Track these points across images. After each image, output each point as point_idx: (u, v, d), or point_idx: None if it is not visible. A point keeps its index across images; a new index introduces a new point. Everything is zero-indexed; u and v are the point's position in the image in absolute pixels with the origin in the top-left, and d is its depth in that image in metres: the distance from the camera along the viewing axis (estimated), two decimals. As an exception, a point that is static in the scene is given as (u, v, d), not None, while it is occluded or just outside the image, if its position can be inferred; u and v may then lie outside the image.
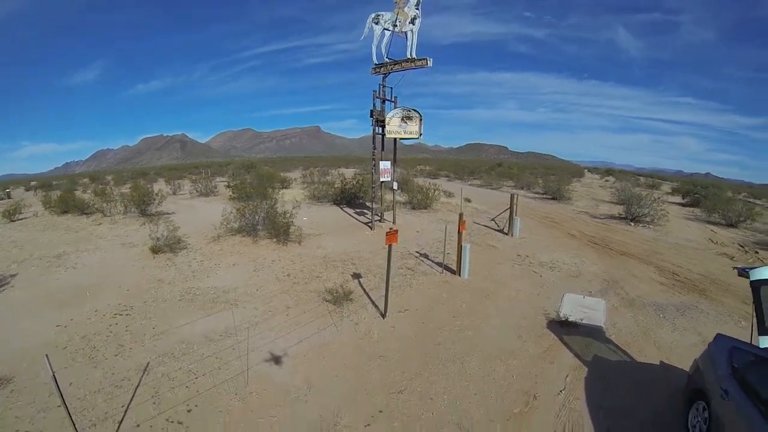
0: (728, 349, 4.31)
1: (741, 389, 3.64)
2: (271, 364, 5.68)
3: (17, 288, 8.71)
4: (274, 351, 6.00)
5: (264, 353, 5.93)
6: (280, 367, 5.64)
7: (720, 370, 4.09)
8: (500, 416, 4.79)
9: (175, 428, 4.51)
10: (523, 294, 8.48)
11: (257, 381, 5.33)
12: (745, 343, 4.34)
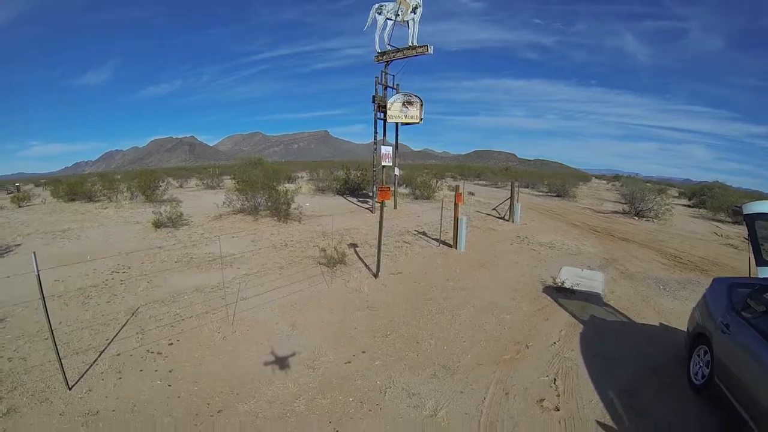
0: (726, 287, 4.21)
1: (742, 319, 3.55)
2: (257, 311, 5.69)
3: (20, 254, 8.95)
4: (263, 300, 6.02)
5: (252, 302, 5.95)
6: (267, 313, 5.65)
7: (719, 307, 3.98)
8: (489, 361, 4.69)
9: (154, 357, 4.53)
10: (519, 266, 8.37)
11: (242, 323, 5.34)
12: (743, 278, 4.24)
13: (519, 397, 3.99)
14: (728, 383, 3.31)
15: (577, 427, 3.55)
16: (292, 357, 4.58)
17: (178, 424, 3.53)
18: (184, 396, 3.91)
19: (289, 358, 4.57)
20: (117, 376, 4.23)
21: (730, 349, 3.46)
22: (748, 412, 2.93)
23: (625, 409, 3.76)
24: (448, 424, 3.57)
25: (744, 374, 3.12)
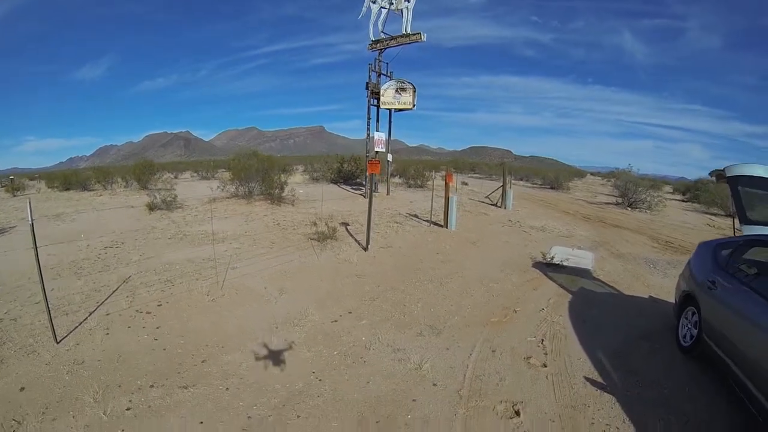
0: (712, 248, 4.28)
1: (727, 273, 3.64)
2: (247, 278, 5.74)
3: (14, 233, 8.97)
4: (253, 270, 6.07)
5: (242, 271, 6.01)
6: (256, 280, 5.70)
7: (705, 267, 4.05)
8: (476, 323, 4.76)
9: (143, 317, 4.58)
10: (510, 245, 8.46)
11: (231, 288, 5.40)
12: (728, 238, 4.31)
13: (506, 355, 4.06)
14: (716, 338, 3.37)
15: (565, 381, 3.61)
16: (279, 317, 4.65)
17: (162, 371, 3.59)
18: (169, 348, 3.96)
19: (276, 317, 4.63)
20: (105, 332, 4.27)
21: (717, 304, 3.52)
22: (735, 363, 3.01)
23: (614, 367, 3.80)
24: (433, 377, 3.63)
25: (731, 327, 3.19)
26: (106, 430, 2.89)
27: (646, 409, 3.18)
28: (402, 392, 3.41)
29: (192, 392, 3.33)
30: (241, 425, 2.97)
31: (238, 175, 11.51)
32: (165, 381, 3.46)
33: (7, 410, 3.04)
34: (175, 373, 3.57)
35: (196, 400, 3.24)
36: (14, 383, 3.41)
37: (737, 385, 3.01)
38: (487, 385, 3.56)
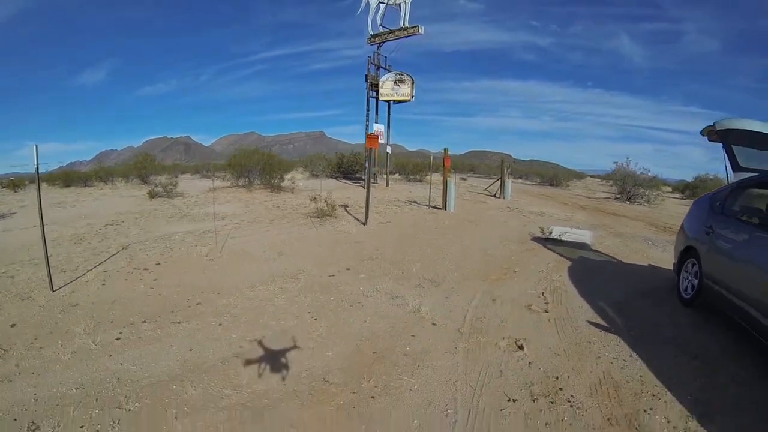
0: (707, 200, 4.33)
1: (723, 215, 3.71)
2: (246, 245, 5.73)
3: (15, 218, 9.00)
4: (252, 239, 6.07)
5: (241, 240, 6.00)
6: (255, 246, 5.68)
7: (702, 217, 4.10)
8: (476, 279, 4.72)
9: (140, 272, 4.56)
10: (508, 225, 8.43)
11: (230, 251, 5.38)
12: (721, 188, 4.35)
13: (506, 303, 4.01)
14: (717, 278, 3.39)
15: (568, 324, 3.56)
16: (277, 272, 4.61)
17: (155, 312, 3.55)
18: (165, 294, 3.93)
19: (274, 273, 4.60)
20: (101, 283, 4.25)
21: (715, 245, 3.56)
22: (738, 296, 3.01)
23: (617, 315, 3.76)
24: (432, 318, 3.59)
25: (731, 263, 3.24)
26: (93, 355, 2.85)
27: (652, 347, 3.13)
28: (400, 330, 3.36)
29: (184, 327, 3.29)
30: (233, 352, 2.92)
31: (240, 165, 11.59)
32: (158, 318, 3.42)
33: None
34: (169, 312, 3.53)
35: (188, 333, 3.20)
36: (5, 321, 3.38)
37: (742, 317, 2.98)
38: (488, 325, 3.51)
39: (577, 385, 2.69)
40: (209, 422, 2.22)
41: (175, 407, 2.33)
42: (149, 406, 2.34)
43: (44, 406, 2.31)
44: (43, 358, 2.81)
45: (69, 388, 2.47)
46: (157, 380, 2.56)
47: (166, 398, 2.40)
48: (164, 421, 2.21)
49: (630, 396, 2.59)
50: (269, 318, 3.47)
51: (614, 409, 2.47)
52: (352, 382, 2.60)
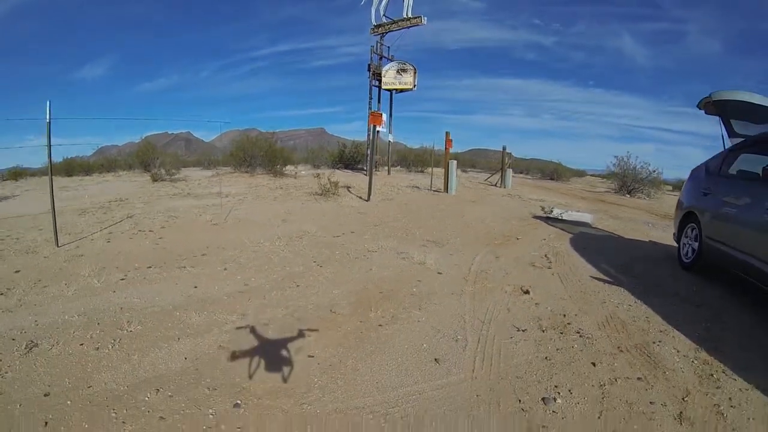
0: (703, 166, 4.38)
1: (720, 177, 3.76)
2: (251, 215, 5.73)
3: (18, 199, 9.03)
4: (256, 211, 6.07)
5: (246, 211, 6.00)
6: (259, 215, 5.69)
7: (698, 182, 4.17)
8: (479, 243, 4.72)
9: (145, 234, 4.56)
10: (508, 207, 8.42)
11: (235, 219, 5.38)
12: (716, 154, 4.39)
13: (509, 260, 4.01)
14: (717, 236, 3.42)
15: (571, 277, 3.57)
16: (282, 234, 4.60)
17: (161, 260, 3.54)
18: (169, 249, 3.92)
19: (279, 234, 4.59)
20: (106, 241, 4.25)
21: (714, 205, 3.60)
22: (739, 250, 3.03)
23: (620, 273, 3.75)
24: (437, 268, 3.58)
25: (729, 219, 3.30)
26: (97, 292, 2.85)
27: (656, 298, 3.11)
28: (406, 277, 3.36)
29: (189, 271, 3.29)
30: (238, 290, 2.92)
31: (243, 150, 11.61)
32: (163, 264, 3.42)
33: (1, 284, 3.00)
34: (175, 260, 3.53)
35: (193, 275, 3.20)
36: (9, 269, 3.38)
37: (744, 269, 3.00)
38: (493, 276, 3.50)
39: (584, 321, 2.68)
40: (213, 341, 2.22)
41: (178, 330, 2.33)
42: (151, 328, 2.33)
43: (44, 329, 2.30)
44: (46, 295, 2.81)
45: (71, 315, 2.47)
46: (160, 309, 2.56)
47: (169, 323, 2.40)
48: (166, 340, 2.21)
49: (638, 331, 2.58)
50: (275, 265, 3.46)
51: (623, 340, 2.46)
52: (358, 314, 2.60)
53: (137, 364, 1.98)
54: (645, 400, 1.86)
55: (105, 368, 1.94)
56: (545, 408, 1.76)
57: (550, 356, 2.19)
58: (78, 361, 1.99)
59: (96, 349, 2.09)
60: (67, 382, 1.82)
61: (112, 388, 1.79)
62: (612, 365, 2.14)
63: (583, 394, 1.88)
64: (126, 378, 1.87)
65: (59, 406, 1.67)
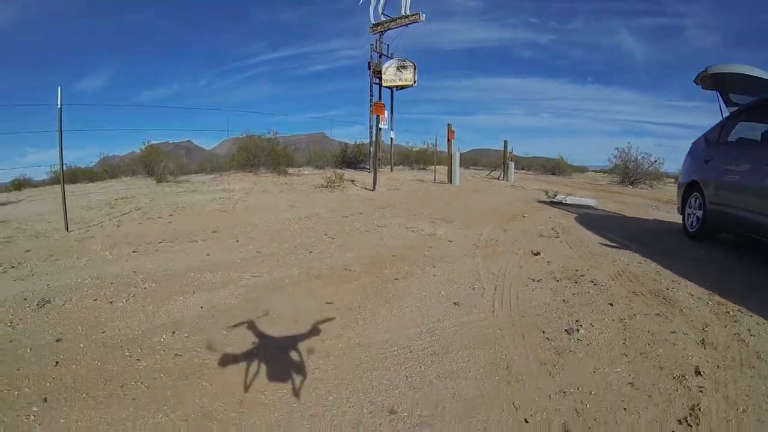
0: (703, 138, 4.42)
1: (719, 144, 3.80)
2: (259, 203, 5.76)
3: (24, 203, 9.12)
4: (263, 201, 6.10)
5: (252, 201, 6.03)
6: (267, 202, 5.73)
7: (699, 152, 4.20)
8: (486, 220, 4.73)
9: (154, 220, 4.56)
10: (513, 194, 8.45)
11: (243, 206, 5.41)
12: (715, 125, 4.44)
13: (517, 232, 4.01)
14: (721, 199, 3.45)
15: (579, 244, 3.57)
16: (291, 217, 4.61)
17: (172, 237, 3.55)
18: (180, 229, 3.94)
19: (288, 217, 4.59)
20: (116, 226, 4.27)
21: (716, 170, 3.62)
22: (744, 209, 3.04)
23: (626, 240, 3.75)
24: (448, 238, 3.59)
25: (733, 181, 3.35)
26: (109, 262, 2.86)
27: (665, 258, 3.10)
28: (417, 245, 3.36)
29: (201, 244, 3.30)
30: (252, 255, 2.92)
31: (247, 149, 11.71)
32: (174, 240, 3.43)
33: (11, 260, 3.01)
34: (185, 237, 3.54)
35: (205, 247, 3.21)
36: (20, 249, 3.39)
37: (749, 227, 2.99)
38: (503, 243, 3.50)
39: (597, 274, 2.67)
40: (229, 294, 2.22)
41: (192, 287, 2.33)
42: (165, 286, 2.34)
43: (57, 290, 2.31)
44: (58, 266, 2.83)
45: (83, 279, 2.47)
46: (174, 272, 2.57)
47: (183, 281, 2.40)
48: (181, 294, 2.21)
49: (650, 281, 2.57)
50: (286, 238, 3.47)
51: (637, 287, 2.45)
52: (373, 271, 2.60)
53: (152, 313, 1.98)
54: (666, 330, 1.85)
55: (119, 317, 1.94)
56: (569, 337, 1.75)
57: (567, 299, 2.18)
58: (91, 313, 1.99)
59: (110, 302, 2.10)
60: (80, 330, 1.83)
61: (127, 333, 1.80)
62: (629, 305, 2.13)
63: (604, 326, 1.87)
64: (141, 324, 1.87)
65: (71, 348, 1.68)
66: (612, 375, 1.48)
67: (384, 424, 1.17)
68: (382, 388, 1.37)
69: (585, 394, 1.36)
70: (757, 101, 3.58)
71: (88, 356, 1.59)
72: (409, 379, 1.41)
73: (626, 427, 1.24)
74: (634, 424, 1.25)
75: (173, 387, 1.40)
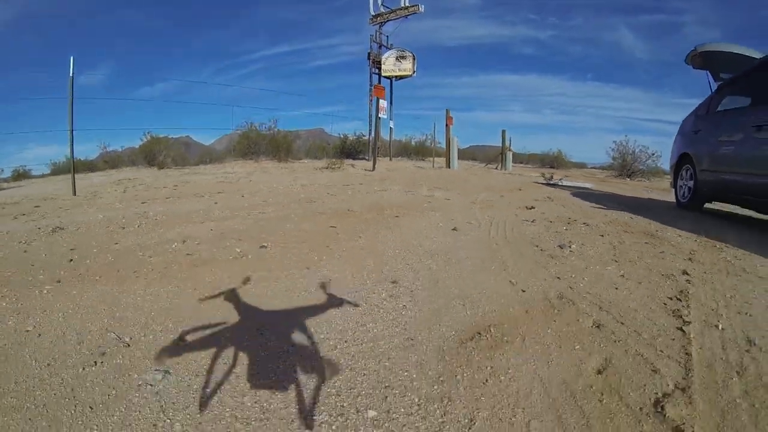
0: (692, 113, 4.54)
1: (708, 115, 3.92)
2: (261, 179, 5.86)
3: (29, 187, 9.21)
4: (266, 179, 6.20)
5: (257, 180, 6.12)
6: (271, 179, 5.81)
7: (689, 126, 4.33)
8: (484, 191, 4.82)
9: (160, 189, 4.67)
10: (510, 179, 8.52)
11: (246, 181, 5.51)
12: (704, 99, 4.56)
13: (513, 199, 4.10)
14: (711, 166, 3.55)
15: (572, 205, 3.68)
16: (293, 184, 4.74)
17: (177, 195, 3.67)
18: (186, 192, 4.04)
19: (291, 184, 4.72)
20: (122, 191, 4.37)
21: (704, 138, 3.75)
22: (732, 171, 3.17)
23: (618, 207, 3.85)
24: (445, 198, 3.69)
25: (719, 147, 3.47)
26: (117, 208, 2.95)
27: (655, 216, 3.22)
28: (415, 202, 3.45)
29: (207, 198, 3.40)
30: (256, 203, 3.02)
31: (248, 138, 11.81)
32: (180, 196, 3.56)
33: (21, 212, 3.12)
34: (192, 195, 3.67)
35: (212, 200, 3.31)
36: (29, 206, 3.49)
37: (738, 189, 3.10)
38: (498, 204, 3.60)
39: (589, 221, 2.77)
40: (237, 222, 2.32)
41: (201, 219, 2.43)
42: (175, 218, 2.44)
43: (69, 224, 2.41)
44: (68, 213, 2.93)
45: (95, 217, 2.58)
46: (183, 212, 2.67)
47: (193, 215, 2.51)
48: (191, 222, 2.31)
49: (640, 227, 2.67)
50: (291, 195, 3.58)
51: (627, 228, 2.55)
52: (374, 212, 2.71)
53: (163, 233, 2.08)
54: (654, 251, 1.96)
55: (132, 236, 2.04)
56: (562, 250, 1.86)
57: (560, 232, 2.29)
58: (105, 235, 2.09)
59: (122, 228, 2.20)
60: (94, 244, 1.93)
61: (139, 243, 1.90)
62: (620, 237, 2.24)
63: (595, 246, 1.98)
64: (153, 239, 1.98)
65: (85, 254, 1.79)
66: (603, 271, 1.59)
67: (387, 288, 1.28)
68: (385, 270, 1.48)
69: (578, 279, 1.47)
70: (743, 72, 3.70)
71: (101, 257, 1.69)
72: (411, 266, 1.52)
73: (620, 299, 1.34)
74: (627, 297, 1.36)
75: (185, 272, 1.51)
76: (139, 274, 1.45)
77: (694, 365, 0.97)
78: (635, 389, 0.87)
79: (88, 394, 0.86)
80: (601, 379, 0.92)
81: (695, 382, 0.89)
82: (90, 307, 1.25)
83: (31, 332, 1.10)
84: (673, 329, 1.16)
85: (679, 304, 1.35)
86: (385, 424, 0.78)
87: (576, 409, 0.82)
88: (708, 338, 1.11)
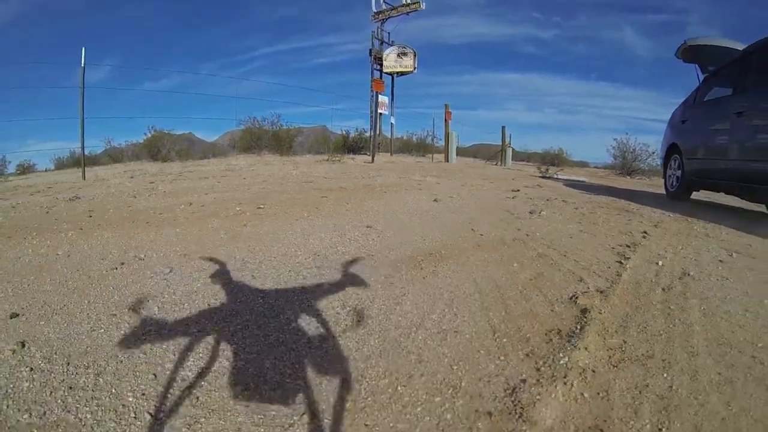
0: (681, 104, 4.66)
1: (694, 106, 4.04)
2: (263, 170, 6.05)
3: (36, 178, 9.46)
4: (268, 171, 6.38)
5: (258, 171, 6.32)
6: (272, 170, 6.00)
7: (677, 117, 4.44)
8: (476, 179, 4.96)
9: (165, 177, 4.87)
10: (508, 173, 8.71)
11: (249, 172, 5.69)
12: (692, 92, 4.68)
13: (502, 183, 4.32)
14: (697, 153, 3.65)
15: (558, 189, 3.90)
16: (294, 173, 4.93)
17: (183, 178, 3.87)
18: (190, 177, 4.27)
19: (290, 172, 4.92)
20: (129, 177, 4.58)
21: (691, 127, 3.88)
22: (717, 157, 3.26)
23: (604, 193, 4.03)
24: (436, 182, 3.87)
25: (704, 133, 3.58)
26: (128, 187, 3.16)
27: (637, 199, 3.38)
28: (406, 185, 3.63)
29: (211, 180, 3.61)
30: (256, 182, 3.21)
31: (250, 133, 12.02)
32: (186, 178, 3.76)
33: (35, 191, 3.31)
34: (197, 178, 3.86)
35: (214, 180, 3.55)
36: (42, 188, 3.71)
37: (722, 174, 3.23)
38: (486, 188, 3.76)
39: (568, 199, 2.95)
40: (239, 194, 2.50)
41: (205, 191, 2.63)
42: (182, 192, 2.65)
43: (84, 195, 2.62)
44: (82, 190, 3.13)
45: (108, 191, 2.78)
46: (188, 188, 2.86)
47: (199, 189, 2.71)
48: (197, 193, 2.51)
49: (618, 206, 2.84)
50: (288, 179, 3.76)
51: (604, 206, 2.72)
52: (365, 189, 2.90)
53: (172, 200, 2.28)
54: (623, 221, 2.11)
55: (143, 202, 2.24)
56: (531, 215, 2.03)
57: (536, 205, 2.46)
58: (118, 201, 2.30)
59: (133, 197, 2.40)
60: (109, 207, 2.13)
61: (150, 206, 2.10)
62: (593, 211, 2.41)
63: (565, 214, 2.15)
64: (162, 204, 2.17)
65: (102, 213, 1.99)
66: (564, 228, 1.77)
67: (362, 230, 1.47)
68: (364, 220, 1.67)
69: (538, 231, 1.65)
70: (726, 63, 3.83)
71: (117, 213, 1.91)
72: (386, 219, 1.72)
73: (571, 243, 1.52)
74: (579, 243, 1.54)
75: (191, 222, 1.72)
76: (151, 224, 1.64)
77: (621, 281, 1.13)
78: (557, 289, 1.05)
79: (111, 281, 1.17)
80: (528, 282, 1.09)
81: (617, 289, 1.06)
82: (110, 241, 1.52)
83: (60, 255, 1.34)
84: (613, 263, 1.32)
85: (627, 250, 1.51)
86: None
87: (499, 296, 1.00)
88: (644, 269, 1.28)
